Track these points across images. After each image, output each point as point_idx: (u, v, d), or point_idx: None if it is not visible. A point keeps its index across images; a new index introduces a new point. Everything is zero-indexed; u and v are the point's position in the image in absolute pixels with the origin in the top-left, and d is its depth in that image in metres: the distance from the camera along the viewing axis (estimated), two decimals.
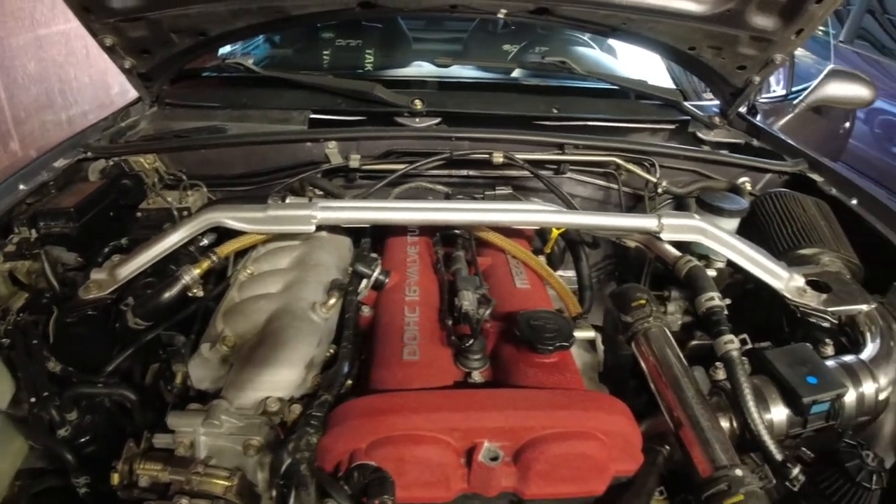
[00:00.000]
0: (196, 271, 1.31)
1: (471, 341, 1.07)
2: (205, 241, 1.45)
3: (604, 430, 0.94)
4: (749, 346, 1.19)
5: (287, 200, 1.39)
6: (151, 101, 2.18)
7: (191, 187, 1.76)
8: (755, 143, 2.12)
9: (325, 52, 2.84)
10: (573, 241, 1.70)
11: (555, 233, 1.64)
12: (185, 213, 1.64)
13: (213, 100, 2.15)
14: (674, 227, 1.35)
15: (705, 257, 1.62)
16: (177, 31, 1.87)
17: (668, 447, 1.09)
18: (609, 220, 1.40)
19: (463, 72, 2.51)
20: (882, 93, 5.13)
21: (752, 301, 1.56)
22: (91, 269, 1.34)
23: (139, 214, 1.69)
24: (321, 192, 1.61)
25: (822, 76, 2.80)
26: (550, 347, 1.04)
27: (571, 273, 1.79)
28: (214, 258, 1.34)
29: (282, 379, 1.08)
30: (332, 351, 1.19)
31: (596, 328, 1.36)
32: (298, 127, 1.88)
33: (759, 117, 2.58)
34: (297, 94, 2.06)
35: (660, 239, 1.37)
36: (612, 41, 2.93)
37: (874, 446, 1.40)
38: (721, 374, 1.20)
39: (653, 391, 1.13)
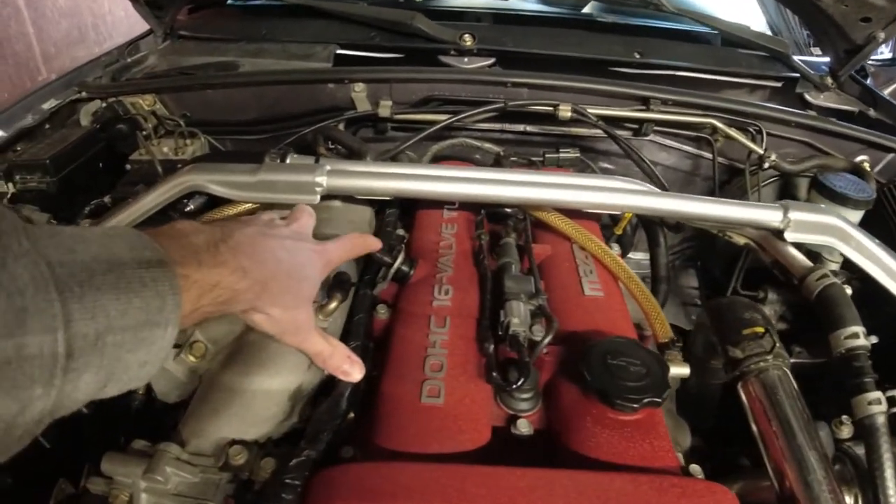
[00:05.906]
0: None
1: (519, 380, 0.75)
2: (190, 206, 1.17)
3: None
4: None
5: (287, 160, 1.07)
6: (164, 34, 1.88)
7: (189, 135, 1.48)
8: (871, 112, 1.68)
9: None
10: (651, 222, 1.34)
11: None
12: (180, 166, 1.35)
13: (230, 31, 1.84)
14: (803, 225, 0.97)
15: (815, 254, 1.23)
16: None
17: None
18: (719, 210, 0.99)
19: (527, 5, 2.11)
20: None
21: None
22: None
23: (128, 167, 1.42)
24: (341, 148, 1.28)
25: None
26: (635, 405, 0.70)
27: (641, 255, 1.46)
28: None
29: (255, 415, 0.79)
30: None
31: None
32: (320, 64, 1.55)
33: (869, 81, 2.10)
34: (323, 26, 1.70)
35: (781, 238, 1.00)
36: None
37: None
38: (846, 432, 0.89)
39: (762, 454, 0.80)
